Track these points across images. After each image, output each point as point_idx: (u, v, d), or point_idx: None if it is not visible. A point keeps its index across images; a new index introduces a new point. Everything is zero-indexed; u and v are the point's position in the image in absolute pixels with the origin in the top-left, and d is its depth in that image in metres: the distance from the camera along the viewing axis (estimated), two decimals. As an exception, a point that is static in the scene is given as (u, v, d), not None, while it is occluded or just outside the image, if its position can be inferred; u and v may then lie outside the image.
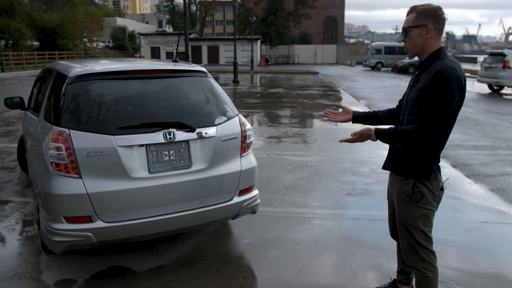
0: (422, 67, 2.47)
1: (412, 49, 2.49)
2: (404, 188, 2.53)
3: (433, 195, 2.51)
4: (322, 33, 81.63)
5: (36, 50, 41.01)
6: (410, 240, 2.58)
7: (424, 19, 2.40)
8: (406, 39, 2.48)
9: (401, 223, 2.60)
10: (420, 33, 2.41)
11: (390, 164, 2.67)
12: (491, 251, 3.91)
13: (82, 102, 3.19)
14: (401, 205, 2.58)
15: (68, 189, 3.02)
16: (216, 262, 3.64)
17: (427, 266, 2.57)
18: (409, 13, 2.48)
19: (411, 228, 2.55)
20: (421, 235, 2.55)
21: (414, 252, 2.58)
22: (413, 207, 2.51)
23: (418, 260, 2.58)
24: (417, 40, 2.43)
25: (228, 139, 3.52)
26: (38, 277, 3.41)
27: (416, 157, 2.48)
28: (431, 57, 2.43)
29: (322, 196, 5.32)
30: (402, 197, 2.55)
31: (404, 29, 2.48)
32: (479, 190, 5.61)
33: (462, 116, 11.97)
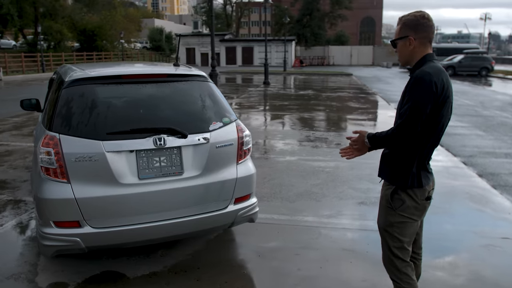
0: (411, 73, 2.45)
1: (401, 59, 2.56)
2: (385, 193, 2.52)
3: (415, 204, 2.43)
4: (359, 34, 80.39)
5: (75, 51, 42.43)
6: (385, 247, 2.56)
7: (406, 30, 2.44)
8: (397, 49, 2.54)
9: (379, 228, 2.60)
10: (405, 44, 2.46)
11: (380, 169, 2.62)
12: (505, 270, 3.62)
13: (74, 106, 3.17)
14: (380, 209, 2.58)
15: (57, 194, 3.01)
16: (211, 271, 3.54)
17: (403, 277, 2.50)
18: (397, 24, 2.53)
19: (386, 234, 2.52)
20: (396, 243, 2.48)
21: (389, 261, 2.54)
22: (391, 213, 2.47)
23: (394, 270, 2.53)
24: (403, 51, 2.48)
25: (223, 146, 3.42)
26: (33, 279, 3.42)
27: (397, 164, 2.45)
28: (417, 65, 2.45)
29: (333, 204, 5.14)
30: (382, 201, 2.55)
31: (391, 41, 2.56)
32: (505, 202, 5.24)
33: (497, 121, 11.42)
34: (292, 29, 53.38)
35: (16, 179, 6.09)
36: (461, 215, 4.85)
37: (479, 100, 16.36)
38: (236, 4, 64.08)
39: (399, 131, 2.31)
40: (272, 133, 9.75)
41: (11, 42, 40.90)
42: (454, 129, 9.91)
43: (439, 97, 2.29)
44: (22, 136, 9.31)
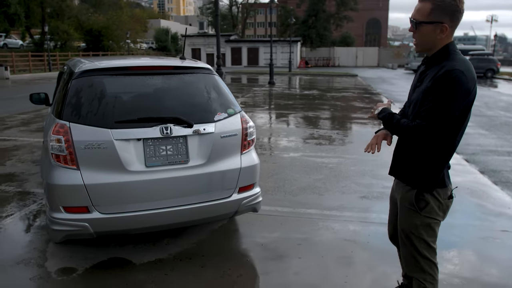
0: (428, 64, 2.24)
1: (421, 45, 2.23)
2: (407, 194, 2.33)
3: (439, 203, 2.30)
4: (364, 36, 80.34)
5: (82, 51, 42.72)
6: (410, 249, 2.40)
7: (441, 14, 2.08)
8: (416, 32, 2.19)
9: (402, 231, 2.41)
10: (434, 31, 2.12)
11: (395, 169, 2.46)
12: (503, 261, 3.69)
13: (84, 96, 3.28)
14: (403, 212, 2.39)
15: (66, 180, 3.11)
16: (215, 258, 3.63)
17: (427, 277, 2.39)
18: (422, 1, 2.13)
19: (412, 237, 2.35)
20: (423, 245, 2.35)
21: (414, 262, 2.40)
22: (416, 215, 2.31)
23: (418, 270, 2.40)
24: (430, 37, 2.15)
25: (227, 136, 3.51)
26: (42, 264, 3.52)
27: (421, 166, 2.27)
28: (439, 54, 2.17)
29: (335, 198, 5.21)
30: (404, 203, 2.35)
31: (414, 21, 2.16)
32: (505, 197, 5.30)
33: (500, 121, 11.44)
34: (297, 30, 53.47)
35: (24, 172, 6.21)
36: (462, 209, 4.90)
37: (483, 101, 16.36)
38: (242, 5, 64.29)
39: (420, 131, 2.12)
40: (276, 131, 9.84)
41: (18, 42, 41.26)
42: (458, 128, 9.92)
43: (471, 96, 2.11)
44: (30, 132, 9.45)
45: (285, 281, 3.31)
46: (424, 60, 2.32)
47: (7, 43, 38.91)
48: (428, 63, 2.24)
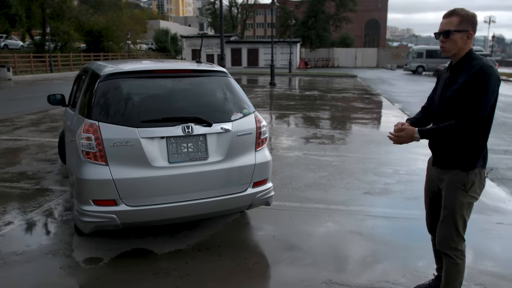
0: (457, 68, 2.65)
1: (451, 51, 2.63)
2: (457, 177, 2.67)
3: (479, 183, 2.69)
4: (363, 36, 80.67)
5: (82, 52, 42.94)
6: (450, 226, 2.71)
7: (466, 24, 2.58)
8: (447, 41, 2.62)
9: (447, 209, 2.72)
10: (462, 38, 2.58)
11: (441, 160, 2.78)
12: (499, 251, 3.97)
13: (111, 97, 3.54)
14: (451, 191, 2.70)
15: (96, 175, 3.38)
16: (230, 248, 3.90)
17: (458, 253, 2.74)
18: (450, 16, 2.62)
19: (456, 214, 2.69)
20: (462, 222, 2.70)
21: (450, 239, 2.73)
22: (463, 194, 2.67)
23: (451, 247, 2.73)
24: (458, 43, 2.59)
25: (243, 134, 3.78)
26: (70, 254, 3.78)
27: (467, 150, 2.63)
28: (464, 59, 2.62)
29: (340, 193, 5.48)
30: (455, 184, 2.67)
31: (446, 31, 2.60)
32: (501, 193, 5.60)
33: (498, 121, 11.71)
34: (297, 31, 53.78)
35: (40, 170, 6.46)
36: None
37: (481, 101, 16.61)
38: (241, 6, 64.60)
39: (469, 121, 2.49)
40: (280, 131, 10.11)
41: (18, 43, 41.45)
42: (456, 128, 10.20)
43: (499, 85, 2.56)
44: (40, 132, 9.70)
45: (296, 268, 3.58)
46: (452, 65, 2.70)
47: (8, 44, 39.11)
48: (455, 68, 2.67)
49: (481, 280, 3.41)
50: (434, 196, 2.91)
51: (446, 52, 2.66)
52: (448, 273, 2.79)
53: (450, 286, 2.80)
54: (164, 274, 3.46)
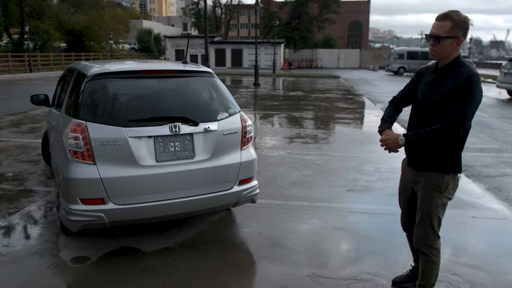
0: (444, 72, 2.68)
1: (441, 55, 2.66)
2: (433, 179, 2.76)
3: (453, 185, 2.80)
4: (346, 38, 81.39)
5: (63, 51, 42.34)
6: (427, 226, 2.82)
7: (458, 30, 2.58)
8: (437, 45, 2.62)
9: (424, 210, 2.82)
10: (452, 44, 2.60)
11: (417, 162, 2.84)
12: (473, 243, 4.17)
13: (98, 97, 3.58)
14: (427, 194, 2.79)
15: (84, 174, 3.41)
16: (217, 246, 3.97)
17: (434, 251, 2.87)
18: (443, 20, 2.60)
19: (432, 215, 2.80)
20: (437, 222, 2.82)
21: (427, 238, 2.85)
22: (439, 196, 2.77)
23: (428, 245, 2.86)
24: (448, 48, 2.61)
25: (229, 133, 3.86)
26: (57, 254, 3.80)
27: (445, 154, 2.71)
28: (452, 64, 2.66)
29: (324, 191, 5.60)
30: (431, 186, 2.76)
31: (437, 36, 2.60)
32: (476, 189, 5.80)
33: (475, 120, 11.93)
34: (281, 32, 54.00)
35: (23, 171, 6.42)
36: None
37: (461, 101, 17.01)
38: (225, 7, 64.57)
39: (455, 126, 2.54)
40: (264, 131, 10.20)
41: (-5, 42, 40.68)
42: (436, 127, 10.46)
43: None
44: (21, 133, 9.59)
45: (281, 264, 3.67)
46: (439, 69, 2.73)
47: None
48: (442, 71, 2.70)
49: (456, 270, 3.57)
50: (409, 197, 3.01)
51: (435, 56, 2.68)
52: (425, 269, 2.93)
53: (427, 280, 2.95)
54: (152, 271, 3.51)
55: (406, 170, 2.99)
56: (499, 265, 3.70)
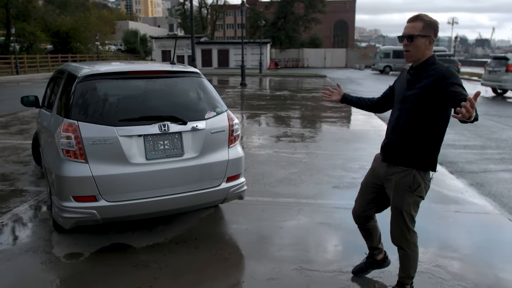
0: (420, 70, 2.78)
1: (415, 55, 2.76)
2: (405, 178, 2.84)
3: (425, 185, 2.88)
4: (332, 37, 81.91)
5: (49, 53, 41.99)
6: (401, 224, 2.93)
7: (429, 30, 2.71)
8: (411, 45, 2.73)
9: (396, 208, 2.93)
10: (425, 43, 2.71)
11: (394, 156, 2.92)
12: (455, 236, 4.34)
13: (89, 98, 3.69)
14: (399, 192, 2.89)
15: (76, 172, 3.52)
16: (206, 241, 4.10)
17: (411, 246, 3.00)
18: (415, 21, 2.72)
19: (404, 213, 2.90)
20: (410, 219, 2.92)
21: (401, 234, 2.96)
22: (410, 195, 2.85)
23: (404, 240, 2.98)
24: (421, 47, 2.72)
25: (216, 132, 3.99)
26: (50, 251, 3.89)
27: (423, 152, 2.82)
28: (428, 62, 2.76)
29: (310, 188, 5.76)
30: (402, 186, 2.86)
31: (411, 35, 2.71)
32: (459, 184, 6.00)
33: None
34: (267, 32, 54.19)
35: (14, 172, 6.46)
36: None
37: (444, 100, 17.36)
38: (211, 7, 64.56)
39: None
40: (251, 130, 10.34)
41: (-20, 44, 40.18)
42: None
43: None
44: (10, 134, 9.60)
45: (269, 258, 3.81)
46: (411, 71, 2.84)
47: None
48: (419, 69, 2.78)
49: (438, 262, 3.74)
50: (377, 190, 3.11)
51: (409, 57, 2.77)
52: (404, 263, 3.08)
53: (406, 273, 3.09)
54: (144, 266, 3.62)
55: (380, 164, 3.07)
56: (481, 258, 3.87)
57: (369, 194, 3.20)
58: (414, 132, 2.81)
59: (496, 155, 7.79)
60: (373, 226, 3.33)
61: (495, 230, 4.58)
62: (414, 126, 2.81)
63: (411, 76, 2.85)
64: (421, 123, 2.78)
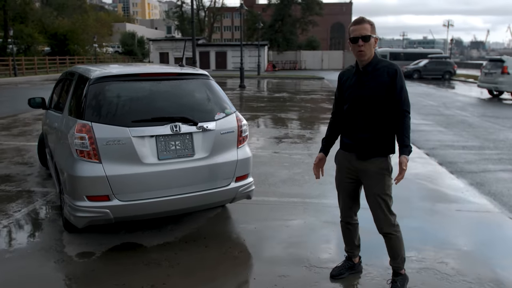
0: (370, 69, 3.03)
1: (368, 53, 2.99)
2: (382, 164, 3.07)
3: (392, 167, 3.14)
4: (329, 39, 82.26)
5: (47, 55, 41.96)
6: (384, 209, 3.10)
7: (374, 31, 3.01)
8: (366, 44, 2.95)
9: (377, 195, 3.09)
10: (374, 41, 2.99)
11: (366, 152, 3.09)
12: (457, 234, 4.45)
13: (102, 99, 3.77)
14: (377, 179, 3.08)
15: (90, 172, 3.59)
16: (215, 240, 4.18)
17: (396, 228, 3.18)
18: (363, 23, 2.97)
19: (386, 197, 3.10)
20: (390, 201, 3.12)
21: (385, 219, 3.13)
22: (387, 178, 3.09)
23: (389, 225, 3.14)
24: (372, 46, 2.98)
25: (226, 133, 4.08)
26: (62, 250, 3.96)
27: (388, 140, 3.08)
28: (374, 61, 3.04)
29: (314, 188, 5.85)
30: (381, 171, 3.06)
31: (366, 36, 2.94)
32: (459, 184, 6.11)
33: (457, 119, 12.47)
34: (264, 34, 54.37)
35: (19, 173, 6.52)
36: (424, 195, 5.65)
37: (442, 101, 17.54)
38: (208, 9, 64.68)
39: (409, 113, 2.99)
40: (252, 131, 10.42)
41: (-22, 46, 40.09)
42: (419, 126, 10.85)
43: None
44: (13, 136, 9.64)
45: (278, 255, 3.90)
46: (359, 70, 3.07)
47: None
48: (365, 70, 3.03)
49: (442, 259, 3.82)
50: (354, 185, 3.27)
51: (363, 56, 2.98)
52: (394, 247, 3.21)
53: (399, 257, 3.24)
54: (156, 264, 3.70)
55: (349, 161, 3.21)
56: (483, 254, 3.97)
57: (349, 190, 3.33)
58: (378, 125, 3.04)
59: (495, 156, 7.91)
60: (356, 221, 3.47)
61: (496, 228, 4.68)
62: (377, 120, 3.04)
63: (361, 76, 3.06)
64: (382, 115, 3.03)
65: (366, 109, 3.05)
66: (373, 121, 3.04)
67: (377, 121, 3.04)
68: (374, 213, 3.18)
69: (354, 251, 3.52)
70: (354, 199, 3.36)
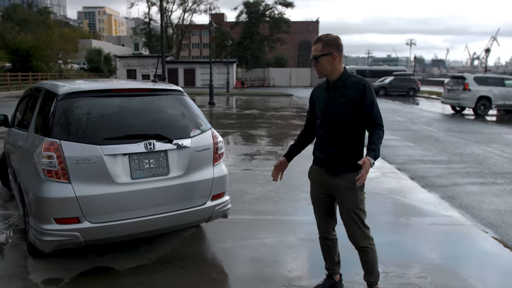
0: (339, 84, 3.03)
1: (323, 72, 3.05)
2: (353, 180, 2.94)
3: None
4: (297, 57, 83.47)
5: (8, 71, 40.62)
6: (358, 223, 3.09)
7: (329, 48, 2.97)
8: (317, 64, 3.02)
9: (351, 210, 3.07)
10: (328, 60, 2.98)
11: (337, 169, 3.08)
12: (433, 247, 4.49)
13: (71, 116, 3.60)
14: (350, 194, 3.05)
15: (59, 193, 3.40)
16: (191, 261, 4.03)
17: (371, 241, 3.17)
18: (316, 43, 3.02)
19: (359, 211, 3.08)
20: (364, 215, 3.11)
21: (361, 233, 3.11)
22: (360, 192, 3.08)
23: (365, 238, 3.13)
24: (326, 65, 2.99)
25: (202, 150, 3.97)
26: (26, 277, 3.71)
27: (358, 155, 3.05)
28: (343, 76, 3.04)
29: (289, 205, 5.79)
30: (353, 186, 2.98)
31: (315, 57, 3.00)
32: (432, 198, 6.19)
33: (424, 134, 12.77)
34: (233, 51, 54.66)
35: (-21, 195, 6.16)
36: (397, 210, 5.68)
37: (409, 117, 17.99)
38: (177, 27, 64.60)
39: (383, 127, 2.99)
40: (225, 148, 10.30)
41: None
42: (389, 142, 11.03)
43: None
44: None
45: (257, 274, 3.78)
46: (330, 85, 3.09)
47: None
48: (335, 85, 3.05)
49: (422, 273, 3.81)
50: (327, 200, 3.23)
51: (319, 74, 3.08)
52: (369, 260, 3.20)
53: (374, 269, 3.24)
54: (128, 289, 3.51)
55: (321, 176, 3.18)
56: (459, 266, 4.02)
57: (324, 206, 3.28)
58: (348, 140, 3.05)
59: (462, 169, 8.10)
60: (335, 236, 3.40)
61: (469, 240, 4.75)
62: (347, 135, 3.04)
63: (331, 91, 3.08)
64: (352, 130, 3.04)
65: (336, 124, 3.05)
66: (344, 136, 3.04)
67: (347, 136, 3.04)
68: (348, 228, 3.15)
69: (334, 268, 3.45)
70: (330, 214, 3.31)
